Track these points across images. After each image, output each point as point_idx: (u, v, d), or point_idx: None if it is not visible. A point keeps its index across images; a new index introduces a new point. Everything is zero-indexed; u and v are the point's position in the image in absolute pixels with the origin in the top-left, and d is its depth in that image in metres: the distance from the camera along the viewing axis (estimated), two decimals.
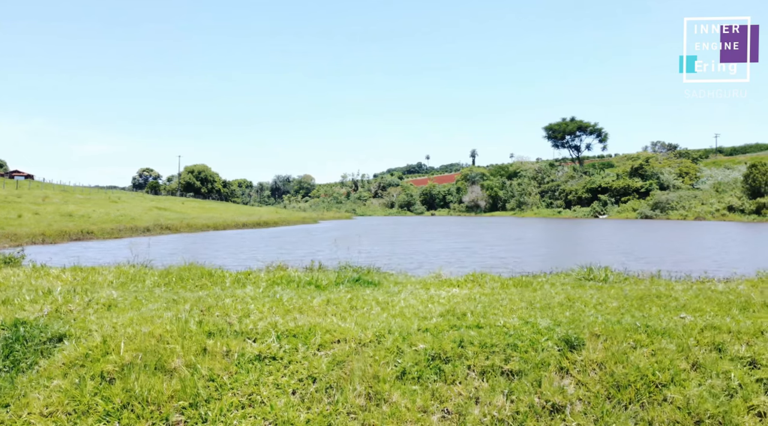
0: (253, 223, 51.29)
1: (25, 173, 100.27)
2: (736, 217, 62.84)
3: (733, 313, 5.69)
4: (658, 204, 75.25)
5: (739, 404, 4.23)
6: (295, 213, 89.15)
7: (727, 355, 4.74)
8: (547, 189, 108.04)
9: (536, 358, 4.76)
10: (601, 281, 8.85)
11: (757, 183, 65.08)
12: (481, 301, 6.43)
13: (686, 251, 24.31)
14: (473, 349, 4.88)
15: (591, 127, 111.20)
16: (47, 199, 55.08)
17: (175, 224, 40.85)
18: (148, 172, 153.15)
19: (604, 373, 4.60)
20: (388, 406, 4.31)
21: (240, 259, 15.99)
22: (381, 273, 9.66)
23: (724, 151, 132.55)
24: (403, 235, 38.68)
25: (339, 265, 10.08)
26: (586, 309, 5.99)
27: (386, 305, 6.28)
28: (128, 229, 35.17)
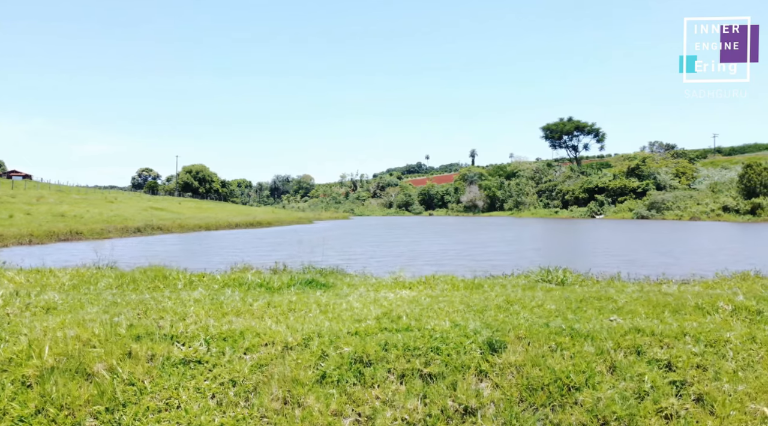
0: (246, 223, 51.33)
1: (22, 173, 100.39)
2: (731, 218, 62.81)
3: (665, 315, 5.72)
4: (654, 204, 75.25)
5: (648, 406, 4.27)
6: (291, 213, 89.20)
7: (645, 357, 4.78)
8: (545, 189, 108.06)
9: (457, 361, 4.80)
10: (558, 283, 8.89)
11: (752, 183, 65.07)
12: (423, 304, 6.47)
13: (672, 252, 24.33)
14: (396, 352, 4.92)
15: (588, 127, 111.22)
16: (42, 199, 55.13)
17: (167, 225, 40.90)
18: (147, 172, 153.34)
19: (521, 375, 4.64)
20: (302, 410, 4.35)
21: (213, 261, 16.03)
22: (342, 274, 9.70)
23: (722, 151, 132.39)
24: (391, 235, 38.70)
25: (303, 266, 10.12)
26: (522, 311, 6.03)
27: (326, 308, 6.32)
28: (119, 229, 35.22)
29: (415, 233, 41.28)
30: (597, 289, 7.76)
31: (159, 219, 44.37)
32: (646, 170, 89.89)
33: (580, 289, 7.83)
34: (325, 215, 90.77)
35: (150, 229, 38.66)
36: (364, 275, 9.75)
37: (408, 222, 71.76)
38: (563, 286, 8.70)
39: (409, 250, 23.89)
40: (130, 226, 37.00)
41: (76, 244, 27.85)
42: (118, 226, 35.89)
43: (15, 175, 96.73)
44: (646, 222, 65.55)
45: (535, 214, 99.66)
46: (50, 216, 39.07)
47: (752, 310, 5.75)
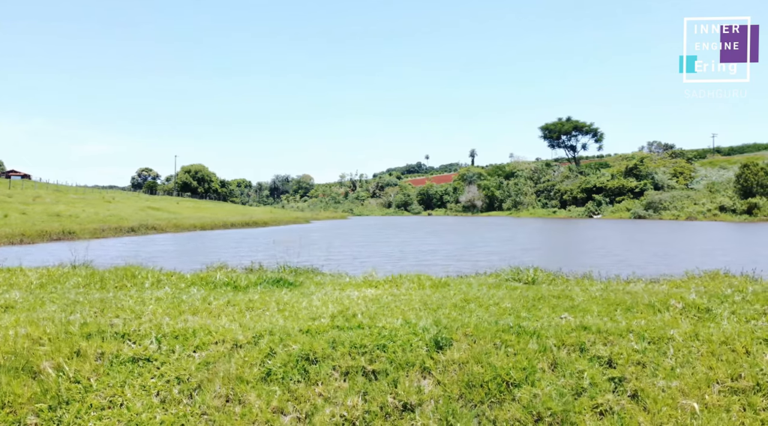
0: (242, 223, 51.38)
1: (21, 173, 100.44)
2: (728, 217, 62.78)
3: (616, 313, 5.77)
4: (651, 204, 75.20)
5: (584, 402, 4.32)
6: (288, 213, 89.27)
7: (588, 354, 4.82)
8: (543, 189, 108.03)
9: (402, 359, 4.85)
10: (527, 282, 8.93)
11: (748, 183, 65.03)
12: (382, 302, 6.52)
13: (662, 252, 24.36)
14: (344, 349, 4.97)
15: (587, 127, 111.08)
16: (38, 199, 55.20)
17: (162, 224, 40.95)
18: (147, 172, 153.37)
19: (463, 372, 4.69)
20: (243, 407, 4.40)
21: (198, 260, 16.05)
22: (315, 273, 9.75)
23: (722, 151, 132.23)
24: (383, 236, 38.74)
25: (278, 265, 10.17)
26: (478, 310, 6.08)
27: (285, 306, 6.37)
28: (112, 229, 35.28)
29: (409, 233, 41.33)
30: (562, 288, 7.81)
31: (155, 219, 44.45)
32: (644, 170, 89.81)
33: (545, 288, 7.88)
34: (322, 215, 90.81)
35: (144, 228, 38.71)
36: (338, 274, 9.79)
37: (405, 222, 71.80)
38: (533, 284, 8.73)
39: (397, 250, 23.93)
40: (124, 226, 37.06)
41: (68, 243, 27.89)
42: (112, 226, 35.95)
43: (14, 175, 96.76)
44: (642, 222, 65.54)
45: (533, 213, 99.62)
46: (45, 216, 39.14)
47: (702, 308, 5.79)
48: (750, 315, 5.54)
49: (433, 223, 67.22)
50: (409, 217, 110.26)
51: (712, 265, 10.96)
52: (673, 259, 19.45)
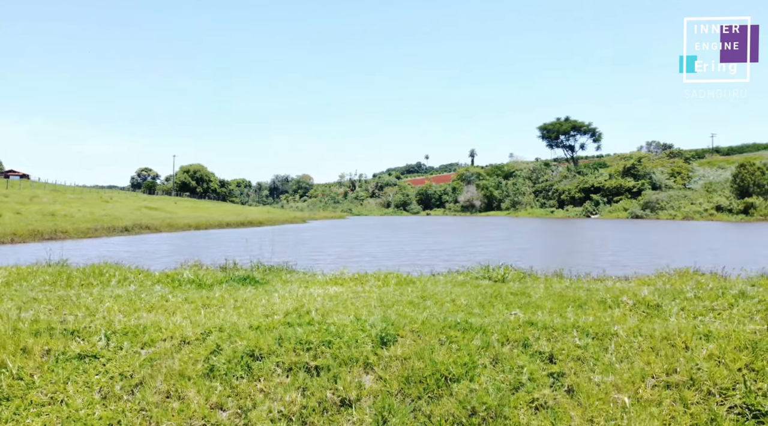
0: (238, 222, 51.43)
1: (20, 173, 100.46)
2: (724, 217, 62.77)
3: (567, 309, 5.78)
4: (649, 204, 75.21)
5: (521, 397, 4.34)
6: (286, 213, 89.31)
7: (530, 350, 4.85)
8: (541, 189, 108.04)
9: (346, 355, 4.87)
10: (497, 280, 8.95)
11: (745, 183, 65.04)
12: (340, 299, 6.55)
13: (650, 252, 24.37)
14: (289, 346, 4.99)
15: (585, 126, 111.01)
16: (35, 199, 55.24)
17: (156, 224, 41.01)
18: (146, 172, 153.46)
19: (404, 368, 4.71)
20: (181, 402, 4.43)
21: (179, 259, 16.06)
22: (288, 271, 9.78)
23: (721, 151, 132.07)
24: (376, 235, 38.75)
25: (252, 263, 10.19)
26: (433, 307, 6.10)
27: (243, 304, 6.39)
28: (105, 228, 35.33)
29: (402, 233, 41.35)
30: (524, 286, 7.83)
31: (150, 219, 44.51)
32: (641, 170, 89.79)
33: (510, 286, 7.90)
34: (320, 215, 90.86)
35: (138, 228, 38.76)
36: (311, 273, 9.82)
37: (402, 222, 71.81)
38: (502, 282, 8.75)
39: (386, 250, 23.94)
40: (118, 226, 37.11)
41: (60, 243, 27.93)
42: (105, 226, 36.00)
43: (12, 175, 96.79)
44: (639, 222, 65.54)
45: (531, 213, 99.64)
46: (40, 215, 39.18)
47: (652, 304, 5.80)
48: (698, 311, 5.56)
49: (430, 223, 67.23)
50: (407, 217, 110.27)
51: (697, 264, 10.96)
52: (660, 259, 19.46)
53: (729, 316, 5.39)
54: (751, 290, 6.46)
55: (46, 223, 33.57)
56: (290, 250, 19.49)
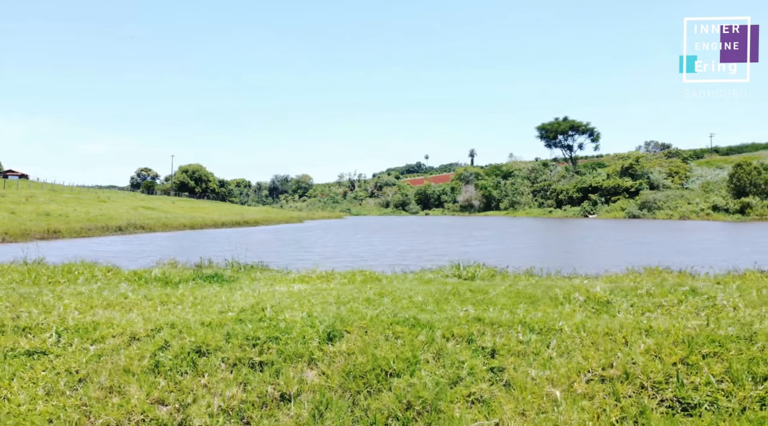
0: (233, 222, 51.50)
1: (19, 173, 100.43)
2: (720, 217, 62.78)
3: (518, 306, 5.82)
4: (646, 203, 75.23)
5: (458, 391, 4.37)
6: (283, 212, 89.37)
7: (474, 345, 4.88)
8: (540, 189, 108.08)
9: (292, 350, 4.92)
10: (467, 278, 8.99)
11: (741, 183, 65.02)
12: (299, 296, 6.59)
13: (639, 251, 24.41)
14: (237, 342, 5.04)
15: (583, 126, 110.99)
16: (31, 199, 55.28)
17: (150, 224, 41.06)
18: (146, 172, 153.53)
19: (347, 363, 4.75)
20: (121, 397, 4.47)
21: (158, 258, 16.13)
22: (261, 269, 9.82)
23: (720, 151, 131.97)
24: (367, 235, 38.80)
25: (227, 262, 10.24)
26: (389, 303, 6.14)
27: (202, 300, 6.44)
28: (99, 228, 35.39)
29: (395, 233, 41.40)
30: (490, 283, 7.87)
31: (146, 218, 44.58)
32: (639, 170, 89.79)
33: (477, 283, 7.95)
34: (317, 215, 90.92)
35: (132, 228, 38.81)
36: (285, 271, 9.87)
37: (398, 222, 71.84)
38: (472, 280, 8.79)
39: (374, 249, 23.98)
40: (112, 225, 37.16)
41: (51, 242, 28.00)
42: (99, 225, 36.06)
43: (11, 175, 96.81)
44: (635, 221, 65.55)
45: (529, 213, 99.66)
46: (35, 215, 39.24)
47: (602, 300, 5.84)
48: (647, 307, 5.59)
49: (426, 223, 67.24)
50: (405, 216, 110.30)
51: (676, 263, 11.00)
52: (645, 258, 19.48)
53: (676, 312, 5.43)
54: (704, 287, 6.50)
55: (40, 223, 33.62)
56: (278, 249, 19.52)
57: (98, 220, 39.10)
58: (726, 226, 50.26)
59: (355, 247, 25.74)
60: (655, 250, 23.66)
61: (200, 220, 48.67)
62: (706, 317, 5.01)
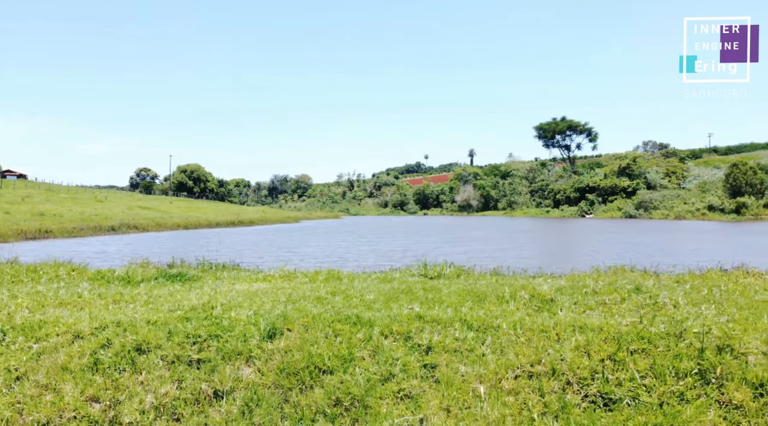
0: (227, 222, 51.57)
1: (17, 173, 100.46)
2: (716, 216, 62.79)
3: (465, 304, 5.86)
4: (642, 203, 75.25)
5: (389, 387, 4.41)
6: (280, 212, 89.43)
7: (411, 342, 4.93)
8: (537, 188, 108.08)
9: (231, 348, 4.96)
10: (433, 277, 9.03)
11: (737, 182, 65.02)
12: (253, 294, 6.63)
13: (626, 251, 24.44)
14: (178, 339, 5.08)
15: (581, 126, 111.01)
16: (27, 199, 55.35)
17: (144, 224, 41.14)
18: (145, 172, 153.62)
19: (283, 361, 4.79)
20: (55, 395, 4.51)
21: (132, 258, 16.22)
22: (230, 269, 9.87)
23: (719, 151, 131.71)
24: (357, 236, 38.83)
25: (198, 262, 10.29)
26: (339, 301, 6.19)
27: (157, 299, 6.48)
28: (91, 228, 35.47)
29: (388, 233, 41.44)
30: (450, 282, 7.91)
31: (141, 218, 44.69)
32: (636, 169, 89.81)
33: (439, 281, 7.99)
34: (315, 215, 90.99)
35: (126, 228, 38.88)
36: (254, 270, 9.92)
37: (395, 222, 71.86)
38: (438, 279, 8.83)
39: (360, 249, 24.02)
40: (105, 225, 37.23)
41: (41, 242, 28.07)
42: (92, 225, 36.13)
43: (9, 175, 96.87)
44: (631, 221, 65.56)
45: (526, 213, 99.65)
46: (29, 215, 39.31)
47: (546, 298, 5.88)
48: (589, 305, 5.64)
49: (423, 223, 67.26)
50: (403, 216, 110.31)
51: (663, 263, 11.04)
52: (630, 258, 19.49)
53: (617, 310, 5.46)
54: (648, 286, 6.53)
55: (33, 223, 33.69)
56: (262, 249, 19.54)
57: (92, 220, 39.17)
58: (720, 225, 50.29)
59: (343, 247, 25.78)
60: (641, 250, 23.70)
61: (195, 220, 48.75)
62: (641, 315, 5.05)
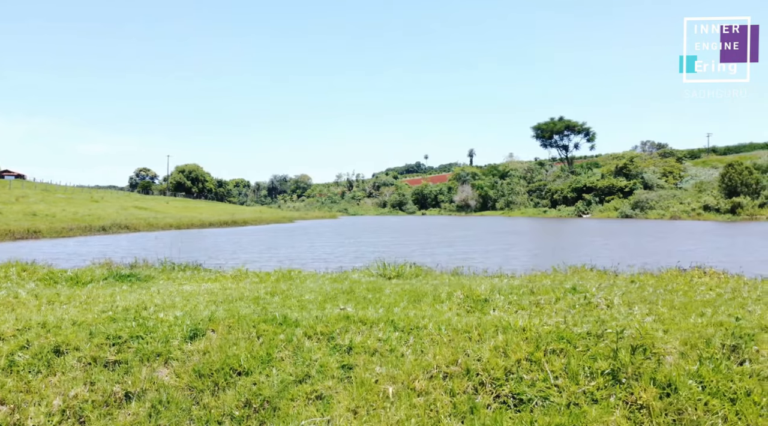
0: (220, 222, 51.49)
1: (15, 173, 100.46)
2: (711, 216, 62.62)
3: (400, 304, 5.78)
4: (638, 203, 75.07)
5: (302, 389, 4.33)
6: (275, 212, 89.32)
7: (332, 343, 4.85)
8: (535, 188, 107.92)
9: (151, 349, 4.88)
10: (391, 277, 8.95)
11: (733, 182, 64.83)
12: (194, 295, 6.57)
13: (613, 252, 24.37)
14: (98, 341, 5.00)
15: (579, 126, 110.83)
16: (22, 199, 55.36)
17: (135, 224, 41.07)
18: (145, 172, 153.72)
19: (200, 362, 4.71)
20: None
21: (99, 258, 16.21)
22: (191, 269, 9.81)
23: (717, 151, 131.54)
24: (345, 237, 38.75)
25: (161, 262, 10.22)
26: (276, 301, 6.11)
27: (95, 300, 6.41)
28: (81, 228, 35.40)
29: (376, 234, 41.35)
30: (402, 282, 7.83)
31: (133, 218, 44.65)
32: (633, 169, 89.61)
33: (393, 281, 7.91)
34: (311, 215, 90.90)
35: (116, 228, 38.82)
36: (215, 270, 9.85)
37: (390, 222, 71.73)
38: (396, 279, 8.76)
39: (343, 250, 23.90)
40: (95, 225, 37.16)
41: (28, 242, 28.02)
42: (82, 225, 36.07)
43: (7, 175, 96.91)
44: (627, 221, 65.42)
45: (524, 213, 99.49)
46: (21, 215, 39.25)
47: (480, 298, 5.79)
48: (522, 305, 5.55)
49: (419, 223, 67.14)
50: (400, 217, 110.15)
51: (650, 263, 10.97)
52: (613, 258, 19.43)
53: (549, 309, 5.38)
54: (589, 286, 6.45)
55: (23, 223, 33.64)
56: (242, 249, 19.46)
57: (84, 221, 39.12)
58: (714, 225, 50.16)
59: (326, 248, 25.68)
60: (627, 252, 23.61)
61: (187, 221, 48.68)
62: (572, 315, 4.96)
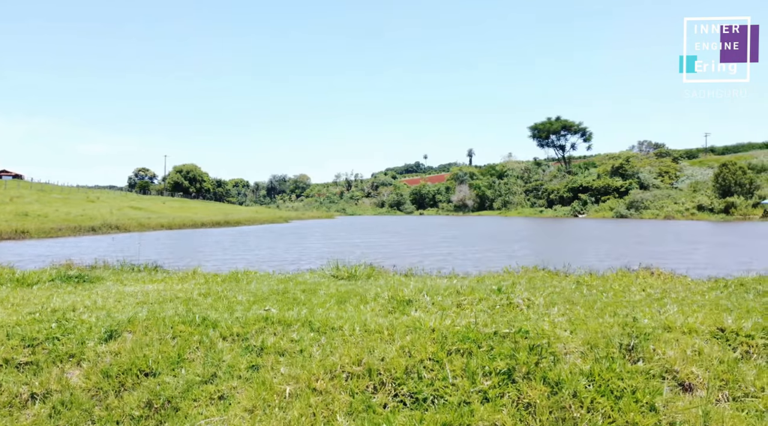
0: (213, 222, 51.53)
1: (13, 173, 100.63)
2: (705, 216, 62.60)
3: (326, 305, 5.79)
4: (633, 203, 75.12)
5: (206, 390, 4.30)
6: (271, 212, 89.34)
7: (246, 343, 4.84)
8: (532, 188, 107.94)
9: (64, 350, 4.89)
10: (345, 278, 8.96)
11: (726, 182, 64.81)
12: (129, 296, 6.58)
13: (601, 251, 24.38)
14: (13, 342, 5.00)
15: (575, 126, 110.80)
16: (16, 199, 55.44)
17: (126, 224, 41.12)
18: (144, 172, 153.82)
19: (110, 363, 4.72)
20: None
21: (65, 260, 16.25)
22: (149, 270, 9.81)
23: (716, 151, 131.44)
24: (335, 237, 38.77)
25: (121, 263, 10.23)
26: (208, 302, 6.12)
27: (27, 302, 6.42)
28: (71, 228, 35.44)
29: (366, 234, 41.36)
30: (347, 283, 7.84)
31: (126, 218, 44.73)
32: (629, 169, 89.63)
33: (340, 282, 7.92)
34: (307, 215, 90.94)
35: (107, 228, 38.84)
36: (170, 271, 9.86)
37: (385, 222, 71.73)
38: (349, 279, 8.77)
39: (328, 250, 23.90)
40: (85, 226, 37.20)
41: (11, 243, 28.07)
42: (71, 226, 36.11)
43: (5, 175, 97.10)
44: (621, 221, 65.40)
45: (521, 213, 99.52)
46: (12, 215, 39.31)
47: (404, 299, 5.78)
48: (446, 306, 5.55)
49: (414, 223, 67.13)
50: (397, 216, 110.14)
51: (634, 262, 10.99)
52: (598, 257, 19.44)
53: (470, 310, 5.38)
54: (508, 287, 6.46)
55: (13, 223, 33.68)
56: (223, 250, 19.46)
57: (75, 221, 39.17)
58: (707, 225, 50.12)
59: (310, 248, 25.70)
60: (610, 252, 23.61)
61: (179, 221, 48.71)
62: (481, 316, 4.97)
